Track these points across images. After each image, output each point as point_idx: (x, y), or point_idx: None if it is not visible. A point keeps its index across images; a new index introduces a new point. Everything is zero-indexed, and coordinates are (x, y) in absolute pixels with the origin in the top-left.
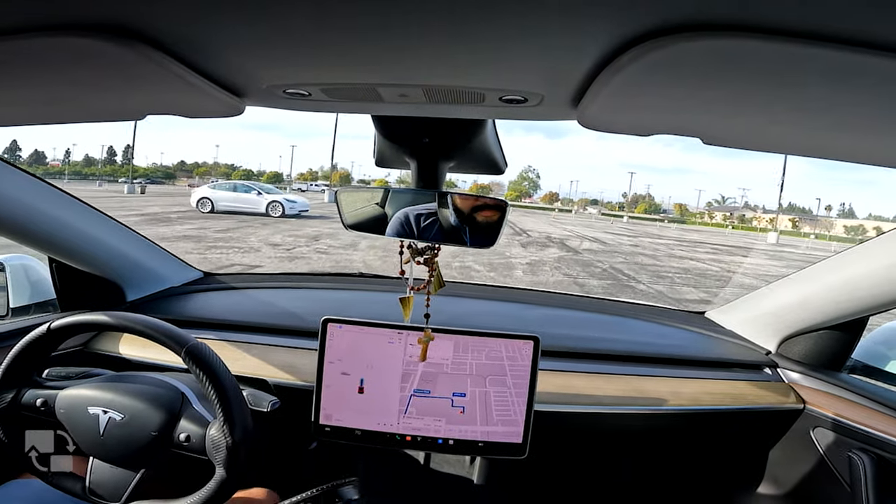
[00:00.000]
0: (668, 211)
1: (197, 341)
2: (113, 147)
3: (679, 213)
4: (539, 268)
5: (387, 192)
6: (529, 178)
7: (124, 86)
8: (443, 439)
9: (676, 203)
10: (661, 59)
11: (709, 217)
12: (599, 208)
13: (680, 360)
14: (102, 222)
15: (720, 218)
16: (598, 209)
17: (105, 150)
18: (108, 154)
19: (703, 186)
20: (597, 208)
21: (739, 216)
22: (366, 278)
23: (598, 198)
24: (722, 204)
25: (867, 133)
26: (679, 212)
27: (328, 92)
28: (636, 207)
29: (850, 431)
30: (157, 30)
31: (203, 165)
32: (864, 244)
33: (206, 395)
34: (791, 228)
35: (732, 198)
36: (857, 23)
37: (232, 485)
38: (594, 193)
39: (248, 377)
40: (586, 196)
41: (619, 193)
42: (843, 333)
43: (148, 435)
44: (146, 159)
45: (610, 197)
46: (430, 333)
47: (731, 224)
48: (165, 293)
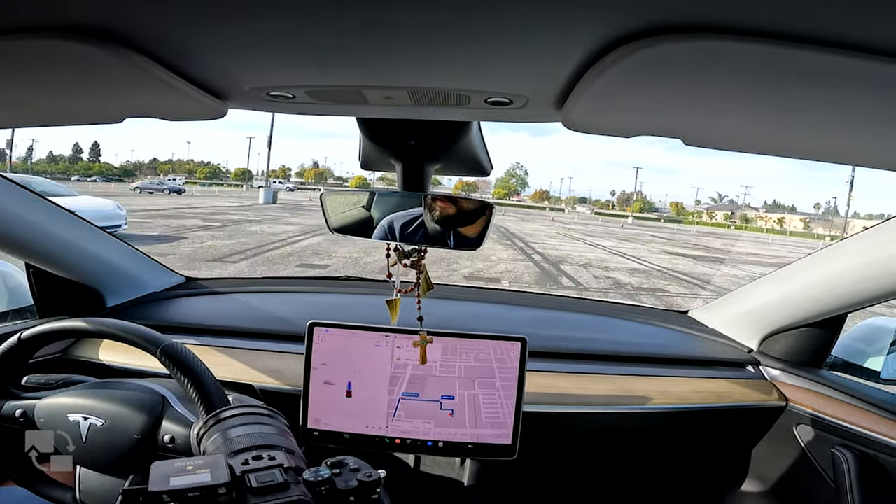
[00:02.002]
0: (663, 210)
1: (172, 341)
2: (79, 144)
3: (675, 212)
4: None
5: (372, 195)
6: (517, 176)
7: (103, 89)
8: (432, 441)
9: (672, 201)
10: (644, 60)
11: (708, 216)
12: (592, 207)
13: (665, 359)
14: (80, 227)
15: (721, 217)
16: (591, 209)
17: (72, 147)
18: (73, 151)
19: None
20: (587, 207)
21: (742, 216)
22: (352, 281)
23: (587, 196)
24: (719, 202)
25: (843, 133)
26: (675, 211)
27: (312, 94)
28: (628, 206)
29: (831, 428)
30: (137, 32)
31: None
32: (842, 242)
33: (188, 396)
34: (802, 229)
35: (728, 195)
36: (825, 23)
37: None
38: (582, 191)
39: (233, 382)
40: (574, 194)
41: (608, 191)
42: (822, 331)
43: (131, 439)
44: (116, 157)
45: (598, 195)
46: (426, 336)
47: (734, 224)
48: (147, 298)
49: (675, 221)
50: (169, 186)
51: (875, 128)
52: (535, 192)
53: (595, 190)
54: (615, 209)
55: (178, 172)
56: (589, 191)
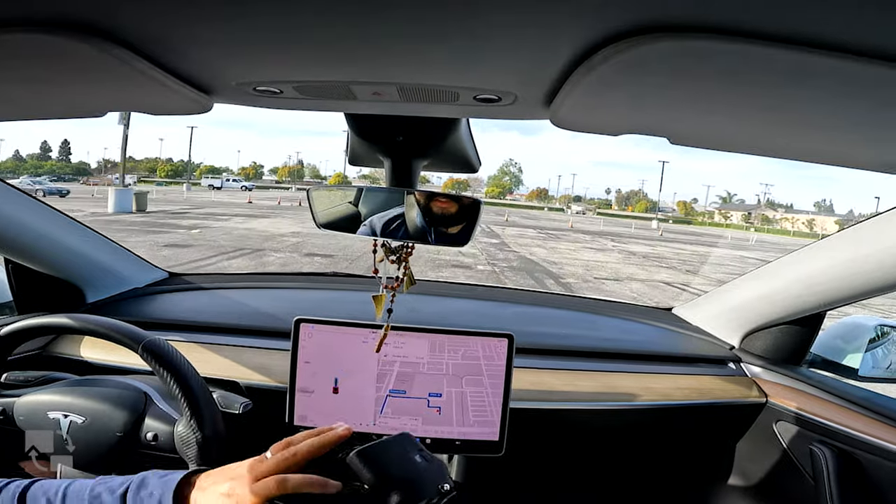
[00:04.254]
0: (667, 210)
1: (155, 337)
2: (47, 142)
3: (684, 212)
4: None
5: (360, 191)
6: (511, 173)
7: (83, 82)
8: (420, 438)
9: (680, 200)
10: (632, 59)
11: (722, 217)
12: (593, 207)
13: (649, 355)
14: (58, 221)
15: (738, 218)
16: (592, 208)
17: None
18: (41, 150)
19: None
20: (581, 206)
21: (762, 216)
22: (339, 278)
23: (582, 194)
24: (728, 202)
25: (827, 133)
26: (684, 211)
27: (300, 90)
28: (629, 206)
29: (810, 424)
30: (119, 25)
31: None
32: (822, 240)
33: (171, 393)
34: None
35: (737, 194)
36: (809, 24)
37: None
38: (578, 190)
39: (218, 379)
40: (569, 192)
41: (603, 189)
42: (802, 328)
43: (113, 436)
44: (87, 155)
45: (593, 193)
46: (388, 327)
47: (753, 226)
48: (128, 294)
49: (684, 222)
50: (46, 188)
51: (859, 128)
52: (533, 191)
53: (590, 188)
54: (612, 209)
55: (139, 171)
56: (585, 189)
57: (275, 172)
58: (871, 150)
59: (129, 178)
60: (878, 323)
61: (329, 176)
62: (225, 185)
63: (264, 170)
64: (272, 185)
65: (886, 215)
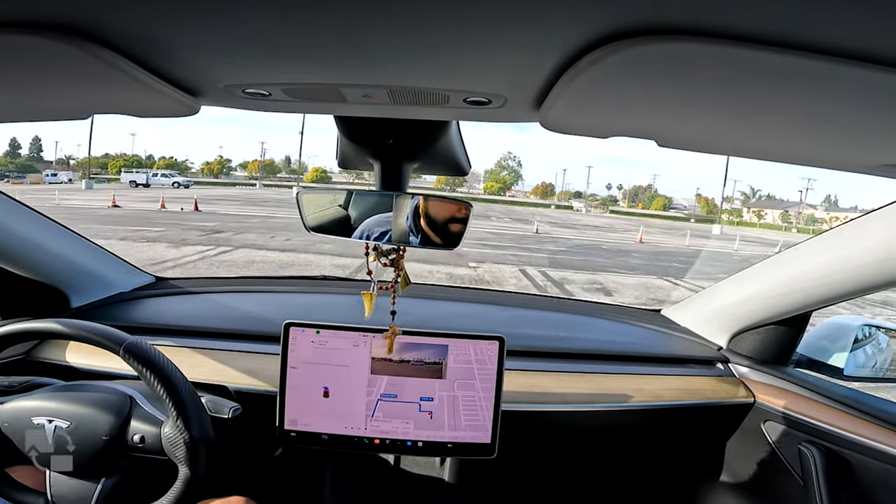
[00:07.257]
0: (680, 207)
1: (137, 338)
2: (16, 139)
3: (706, 209)
4: None
5: (350, 194)
6: (510, 167)
7: (68, 85)
8: (412, 441)
9: (701, 195)
10: (621, 61)
11: (756, 216)
12: (596, 204)
13: (639, 357)
14: (41, 224)
15: (775, 217)
16: (587, 203)
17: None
18: (10, 147)
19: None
20: (582, 202)
21: (808, 216)
22: (329, 281)
23: (583, 190)
24: (752, 198)
25: (813, 136)
26: (706, 208)
27: (289, 92)
28: (639, 202)
29: (797, 424)
30: (105, 27)
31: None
32: (807, 241)
33: (156, 394)
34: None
35: (761, 190)
36: (796, 26)
37: (198, 482)
38: (578, 185)
39: (207, 384)
40: (570, 188)
41: (604, 185)
42: (788, 328)
43: (99, 440)
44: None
45: (594, 189)
46: (396, 329)
47: (795, 226)
48: (114, 299)
49: (708, 221)
50: None
51: (845, 130)
52: (538, 186)
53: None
54: (619, 205)
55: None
56: (588, 185)
57: (244, 167)
58: (857, 153)
59: (65, 174)
60: (863, 323)
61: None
62: (152, 180)
63: (232, 164)
64: (241, 181)
65: (865, 218)
